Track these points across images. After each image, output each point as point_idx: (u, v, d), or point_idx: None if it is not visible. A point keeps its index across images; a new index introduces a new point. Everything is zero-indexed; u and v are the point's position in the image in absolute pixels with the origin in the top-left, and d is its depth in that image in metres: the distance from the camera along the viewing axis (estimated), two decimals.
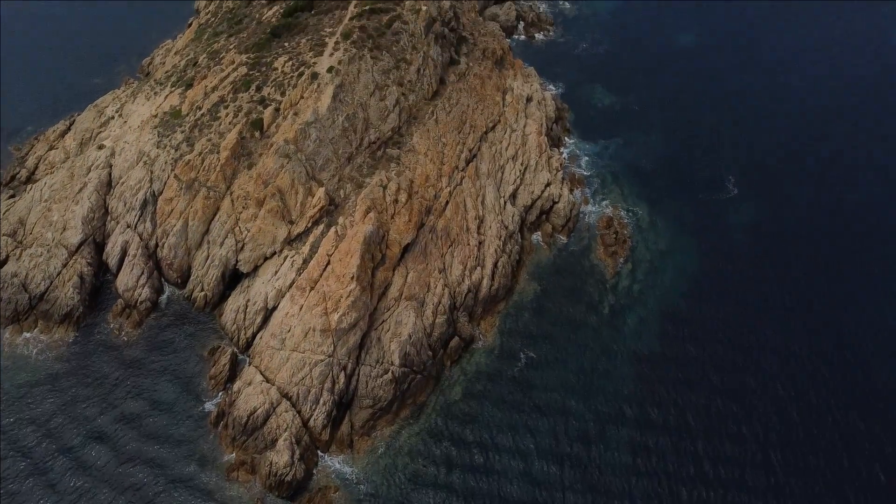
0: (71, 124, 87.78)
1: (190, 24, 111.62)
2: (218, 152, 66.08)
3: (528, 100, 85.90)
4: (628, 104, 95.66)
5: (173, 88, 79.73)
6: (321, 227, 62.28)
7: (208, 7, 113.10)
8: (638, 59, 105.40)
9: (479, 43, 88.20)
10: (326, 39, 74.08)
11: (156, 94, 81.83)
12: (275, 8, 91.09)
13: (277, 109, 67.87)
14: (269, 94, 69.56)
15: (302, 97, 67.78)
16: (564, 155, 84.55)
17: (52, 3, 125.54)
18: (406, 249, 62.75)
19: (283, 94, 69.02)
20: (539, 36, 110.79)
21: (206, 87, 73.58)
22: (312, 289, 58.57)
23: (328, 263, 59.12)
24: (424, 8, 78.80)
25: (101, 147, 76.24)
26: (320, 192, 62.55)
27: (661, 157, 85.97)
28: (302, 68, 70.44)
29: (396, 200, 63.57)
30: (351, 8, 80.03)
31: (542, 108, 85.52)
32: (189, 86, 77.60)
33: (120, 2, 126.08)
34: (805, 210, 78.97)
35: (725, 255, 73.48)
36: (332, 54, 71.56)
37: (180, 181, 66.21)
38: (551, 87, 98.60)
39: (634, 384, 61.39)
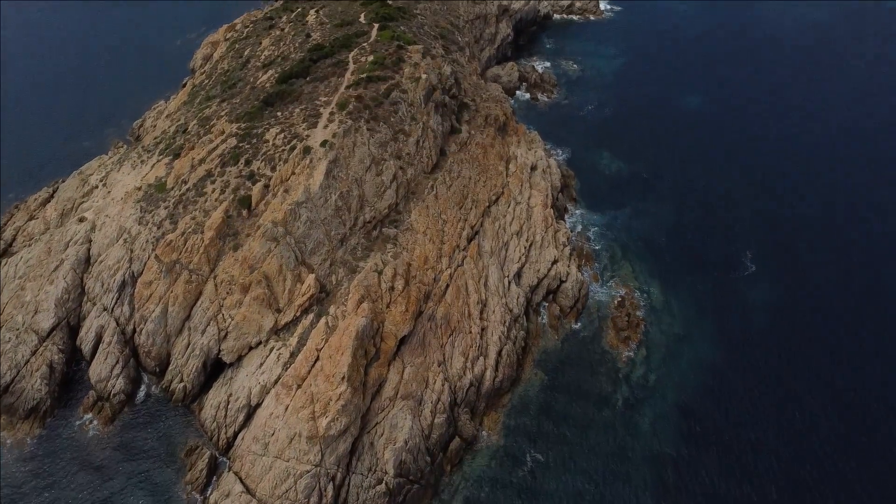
0: (54, 192, 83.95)
1: (184, 85, 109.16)
2: (202, 232, 61.69)
3: (533, 168, 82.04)
4: (636, 170, 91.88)
5: (160, 157, 76.02)
6: (310, 316, 57.39)
7: (203, 67, 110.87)
8: (645, 123, 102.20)
9: (480, 109, 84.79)
10: (321, 109, 70.50)
11: (142, 162, 78.19)
12: (270, 72, 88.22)
13: (267, 186, 63.74)
14: (258, 168, 65.52)
15: (293, 173, 63.72)
16: (571, 227, 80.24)
17: (46, 62, 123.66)
18: (403, 341, 57.73)
19: (273, 169, 64.99)
20: (543, 97, 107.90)
21: (194, 158, 69.67)
22: (299, 387, 53.34)
23: (317, 359, 54.03)
24: (424, 76, 75.50)
25: (81, 220, 72.17)
26: (310, 280, 57.85)
27: (673, 229, 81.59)
28: (294, 141, 66.56)
29: (393, 287, 58.81)
30: (347, 75, 76.84)
31: (547, 178, 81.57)
32: (177, 155, 73.85)
33: (117, 60, 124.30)
34: (828, 288, 74.07)
35: (745, 340, 68.37)
36: (326, 126, 67.83)
37: (161, 263, 61.64)
38: (557, 150, 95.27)
39: (653, 488, 55.58)
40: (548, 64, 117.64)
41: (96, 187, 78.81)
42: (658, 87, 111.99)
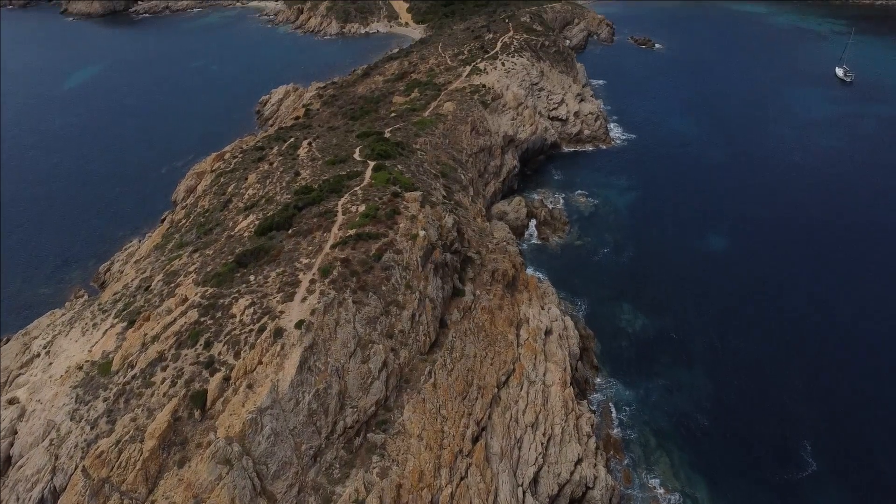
0: None
1: (163, 220, 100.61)
2: (142, 441, 49.44)
3: (548, 333, 70.86)
4: (663, 328, 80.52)
5: (115, 321, 65.45)
6: None
7: (185, 201, 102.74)
8: (667, 268, 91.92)
9: (487, 262, 74.63)
10: (300, 276, 60.08)
11: (94, 326, 67.71)
12: (250, 218, 79.18)
13: (227, 378, 52.06)
14: (219, 353, 54.16)
15: (260, 362, 52.23)
16: (595, 407, 67.99)
17: (17, 188, 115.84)
18: None
19: (237, 354, 53.61)
20: (553, 237, 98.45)
21: (146, 334, 58.58)
22: None
23: None
24: (422, 233, 65.72)
25: (11, 401, 60.67)
26: None
27: (714, 409, 69.10)
28: (265, 319, 55.57)
29: None
30: (334, 230, 67.13)
31: (563, 345, 70.18)
32: (132, 322, 63.13)
33: (94, 189, 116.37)
34: None
35: None
36: (304, 298, 57.10)
37: (88, 478, 48.93)
38: (574, 301, 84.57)
39: None
40: (558, 198, 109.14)
41: (38, 355, 67.73)
42: (678, 224, 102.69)
